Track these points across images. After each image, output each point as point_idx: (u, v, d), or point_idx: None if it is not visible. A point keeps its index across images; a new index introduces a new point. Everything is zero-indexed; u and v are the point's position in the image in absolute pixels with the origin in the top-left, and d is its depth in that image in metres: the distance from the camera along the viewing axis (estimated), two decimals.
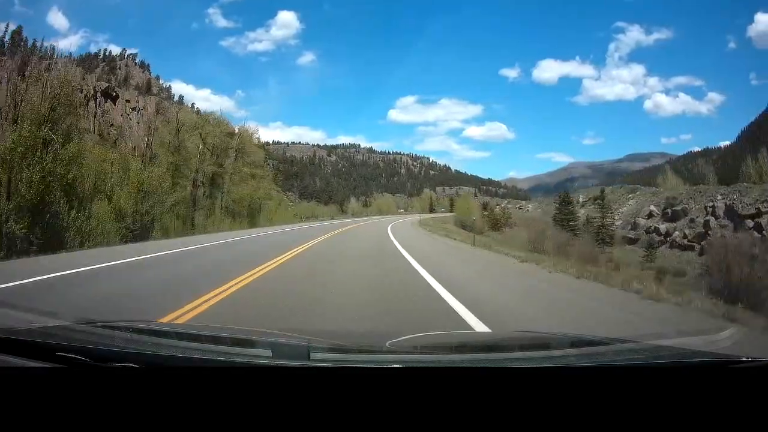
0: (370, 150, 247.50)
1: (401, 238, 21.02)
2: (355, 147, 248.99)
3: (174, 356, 1.44)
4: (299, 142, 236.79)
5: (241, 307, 5.61)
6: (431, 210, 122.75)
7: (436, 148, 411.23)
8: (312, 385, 1.21)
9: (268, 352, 1.62)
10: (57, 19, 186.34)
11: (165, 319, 4.53)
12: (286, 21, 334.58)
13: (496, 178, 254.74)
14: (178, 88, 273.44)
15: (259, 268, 9.20)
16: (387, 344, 2.01)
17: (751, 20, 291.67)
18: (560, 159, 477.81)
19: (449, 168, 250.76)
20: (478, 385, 1.22)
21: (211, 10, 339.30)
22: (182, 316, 4.88)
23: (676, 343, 2.00)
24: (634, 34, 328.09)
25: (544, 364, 1.54)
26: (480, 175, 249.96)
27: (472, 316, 5.02)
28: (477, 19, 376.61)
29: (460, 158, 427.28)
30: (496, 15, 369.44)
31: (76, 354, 1.31)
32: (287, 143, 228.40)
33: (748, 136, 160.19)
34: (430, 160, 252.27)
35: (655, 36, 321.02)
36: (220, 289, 6.54)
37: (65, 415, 1.16)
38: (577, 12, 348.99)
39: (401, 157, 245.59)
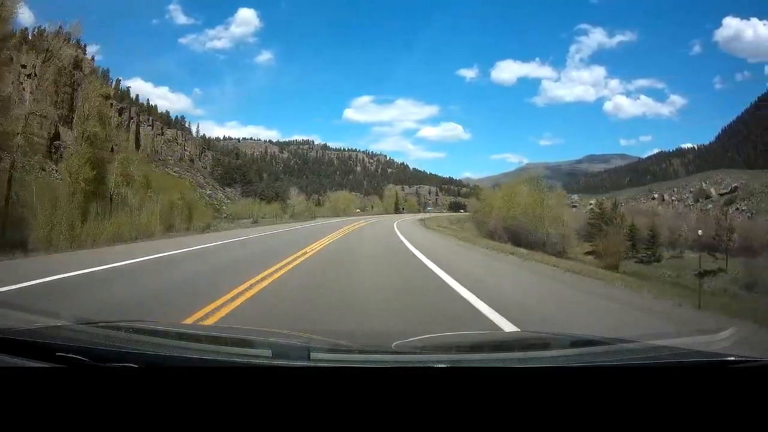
0: (325, 147, 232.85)
1: None
2: (308, 143, 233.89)
3: (174, 356, 1.44)
4: (251, 139, 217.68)
5: None
6: (397, 210, 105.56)
7: (391, 149, 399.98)
8: (312, 386, 1.21)
9: (268, 352, 1.61)
10: (22, 13, 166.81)
11: None
12: (246, 18, 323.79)
13: (454, 177, 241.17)
14: (137, 85, 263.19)
15: None
16: (388, 345, 1.98)
17: (719, 25, 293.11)
18: (515, 160, 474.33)
19: (407, 166, 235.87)
20: (478, 386, 1.23)
21: (171, 7, 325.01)
22: None
23: (676, 343, 1.99)
24: (596, 37, 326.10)
25: (544, 364, 1.54)
26: (439, 174, 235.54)
27: None
28: (436, 20, 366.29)
29: (414, 158, 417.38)
30: (456, 15, 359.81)
31: (76, 354, 1.31)
32: (238, 139, 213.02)
33: (729, 134, 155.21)
34: (387, 158, 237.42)
35: (619, 38, 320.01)
36: None
37: (65, 415, 1.16)
38: (539, 13, 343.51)
39: (357, 155, 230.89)
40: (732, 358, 1.41)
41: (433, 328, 4.96)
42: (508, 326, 4.94)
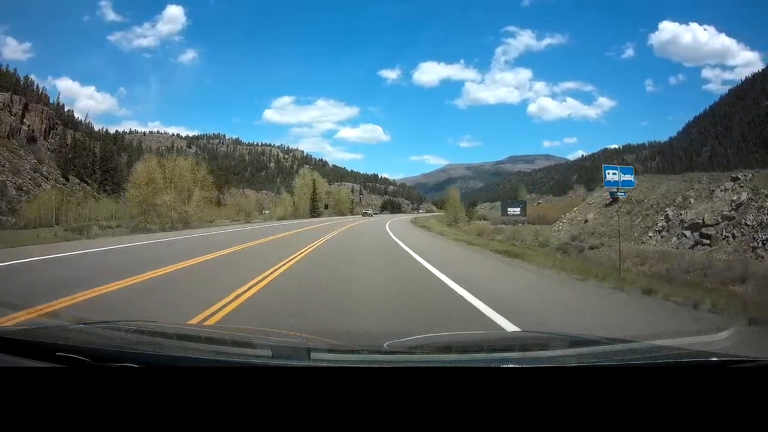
0: (236, 141, 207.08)
1: None
2: (219, 138, 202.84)
3: (174, 356, 1.42)
4: (157, 132, 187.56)
5: None
6: (314, 212, 70.28)
7: (309, 149, 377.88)
8: (311, 386, 1.22)
9: (268, 353, 1.61)
10: None
11: None
12: (173, 16, 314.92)
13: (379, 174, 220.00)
14: (66, 85, 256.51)
15: None
16: (386, 345, 1.93)
17: (655, 28, 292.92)
18: (435, 161, 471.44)
19: (326, 163, 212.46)
20: (477, 385, 1.25)
21: (102, 3, 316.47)
22: None
23: (676, 344, 2.03)
24: (524, 39, 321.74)
25: (543, 364, 1.54)
26: (362, 171, 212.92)
27: None
28: (360, 19, 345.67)
29: (332, 159, 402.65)
30: (380, 15, 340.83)
31: (76, 354, 1.27)
32: (143, 133, 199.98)
33: (700, 129, 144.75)
34: (304, 154, 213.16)
35: (547, 41, 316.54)
36: None
37: (65, 414, 1.14)
38: (465, 15, 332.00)
39: (271, 150, 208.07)
40: (731, 359, 1.41)
41: None
42: None
